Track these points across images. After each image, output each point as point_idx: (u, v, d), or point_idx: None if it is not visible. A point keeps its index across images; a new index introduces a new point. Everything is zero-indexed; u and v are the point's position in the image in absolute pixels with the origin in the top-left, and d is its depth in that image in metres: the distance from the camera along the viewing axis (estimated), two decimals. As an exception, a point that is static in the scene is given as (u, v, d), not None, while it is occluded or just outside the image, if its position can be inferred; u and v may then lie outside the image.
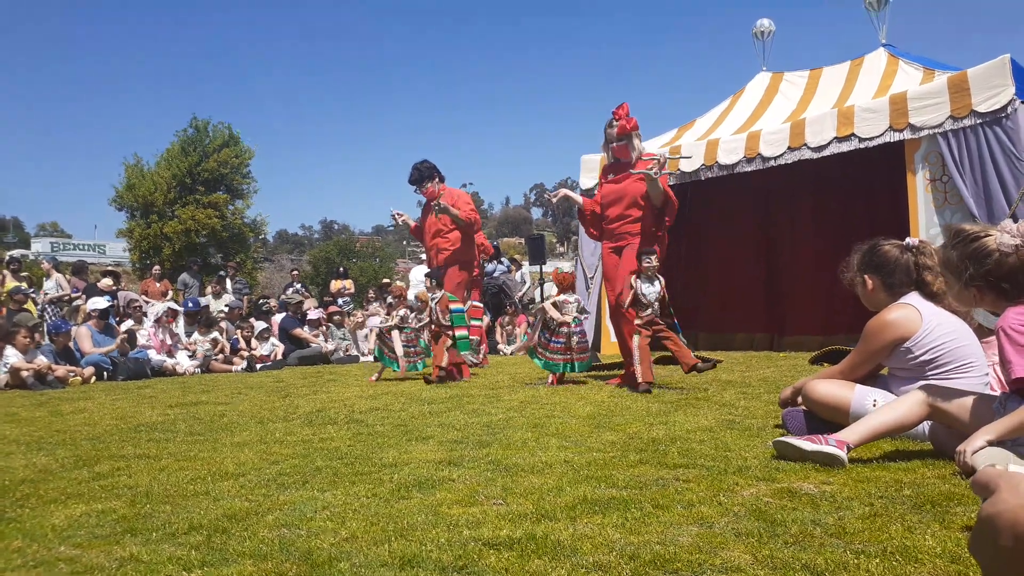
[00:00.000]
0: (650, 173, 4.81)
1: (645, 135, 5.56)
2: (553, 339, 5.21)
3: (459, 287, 6.19)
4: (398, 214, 6.55)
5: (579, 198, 5.50)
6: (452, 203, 6.18)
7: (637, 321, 4.80)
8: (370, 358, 9.23)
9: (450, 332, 5.80)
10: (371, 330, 10.24)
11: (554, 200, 5.58)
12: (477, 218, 6.31)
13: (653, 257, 4.83)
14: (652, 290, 4.86)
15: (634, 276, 4.86)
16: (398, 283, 6.57)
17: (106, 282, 11.52)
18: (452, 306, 5.85)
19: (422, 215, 6.52)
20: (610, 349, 8.17)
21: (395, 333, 6.23)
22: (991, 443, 2.05)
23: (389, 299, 10.09)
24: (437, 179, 6.25)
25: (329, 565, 1.56)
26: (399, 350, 6.14)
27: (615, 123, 5.14)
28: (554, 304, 5.27)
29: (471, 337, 5.93)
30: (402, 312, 6.31)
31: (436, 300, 5.85)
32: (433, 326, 5.88)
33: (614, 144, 5.19)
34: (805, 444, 2.35)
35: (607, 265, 5.28)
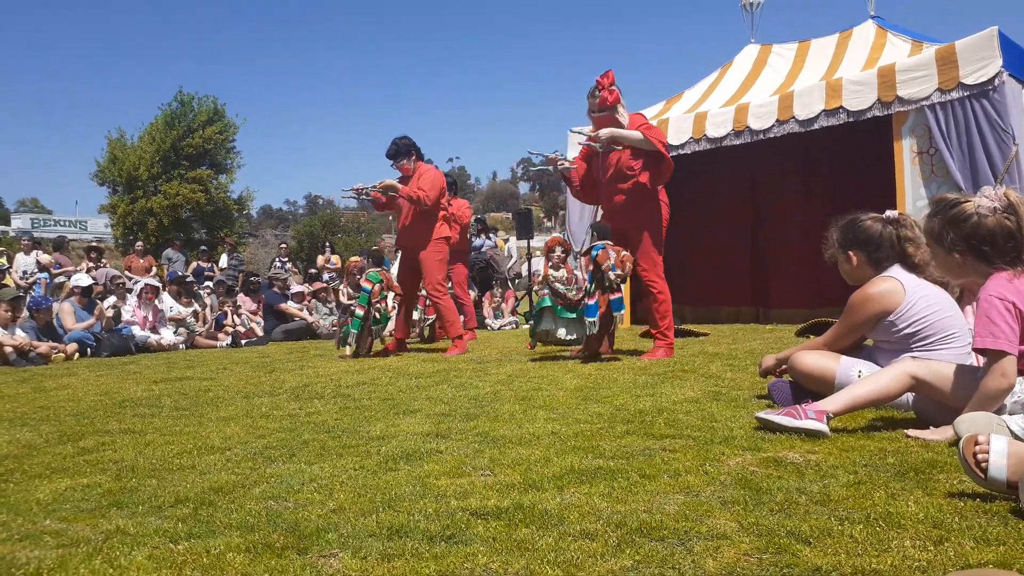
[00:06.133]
0: (596, 146, 4.90)
1: (632, 109, 5.41)
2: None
3: (440, 263, 6.10)
4: (354, 190, 6.14)
5: (574, 164, 5.30)
6: (417, 178, 6.01)
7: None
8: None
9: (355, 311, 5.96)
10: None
11: (565, 165, 5.23)
12: (423, 196, 5.87)
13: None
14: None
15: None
16: (353, 258, 6.67)
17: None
18: (363, 284, 6.04)
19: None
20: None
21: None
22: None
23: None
24: (414, 156, 6.11)
25: (317, 536, 1.56)
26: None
27: (597, 93, 4.94)
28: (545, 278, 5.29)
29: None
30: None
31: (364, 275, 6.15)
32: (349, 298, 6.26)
33: (595, 115, 4.98)
34: (785, 421, 2.37)
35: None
